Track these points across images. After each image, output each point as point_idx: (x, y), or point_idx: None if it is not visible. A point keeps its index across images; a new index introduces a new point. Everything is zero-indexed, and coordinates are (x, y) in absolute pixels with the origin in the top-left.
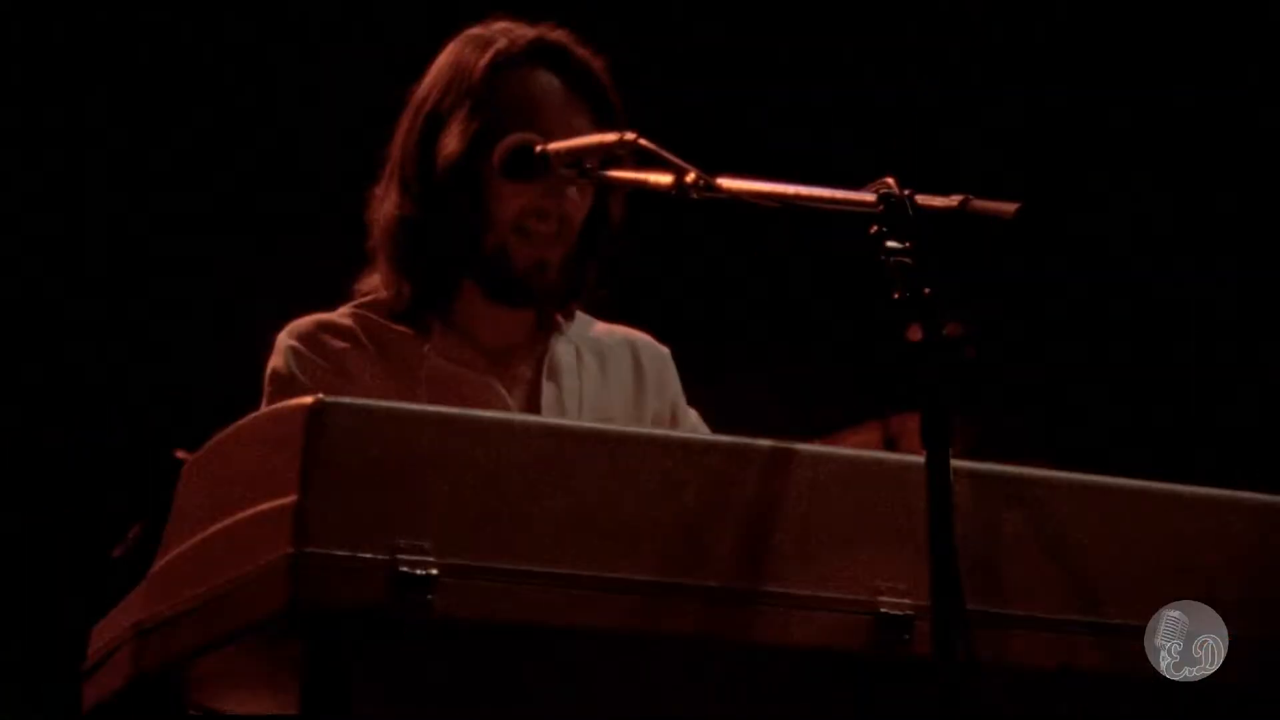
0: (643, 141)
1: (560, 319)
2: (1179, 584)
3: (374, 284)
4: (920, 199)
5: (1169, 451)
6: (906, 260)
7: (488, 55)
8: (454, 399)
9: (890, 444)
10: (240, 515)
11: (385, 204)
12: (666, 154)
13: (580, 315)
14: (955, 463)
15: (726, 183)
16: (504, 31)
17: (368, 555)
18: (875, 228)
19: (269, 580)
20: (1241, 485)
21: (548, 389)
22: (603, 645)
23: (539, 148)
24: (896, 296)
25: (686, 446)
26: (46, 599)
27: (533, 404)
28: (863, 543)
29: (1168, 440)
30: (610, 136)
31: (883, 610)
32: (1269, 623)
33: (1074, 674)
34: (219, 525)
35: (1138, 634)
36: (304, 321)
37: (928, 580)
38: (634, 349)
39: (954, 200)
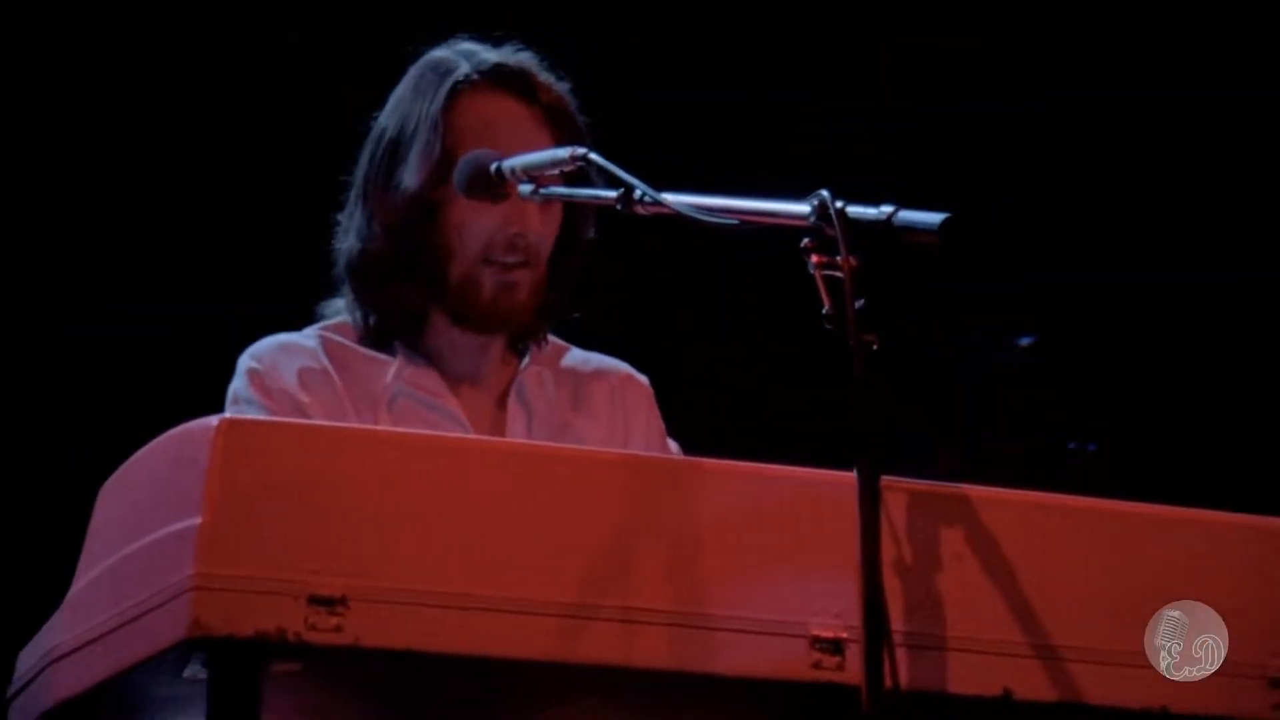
0: (593, 157)
1: (533, 345)
2: (1129, 604)
3: (339, 307)
4: (852, 211)
5: (1133, 467)
6: (836, 274)
7: (448, 82)
8: (417, 425)
9: None
10: (149, 538)
11: (349, 234)
12: (615, 169)
13: (555, 342)
14: (894, 480)
15: (669, 198)
16: (465, 55)
17: (276, 578)
18: (805, 241)
19: (173, 605)
20: (1199, 503)
21: (516, 416)
22: (520, 669)
23: (494, 164)
24: (825, 311)
25: (612, 464)
26: None
27: (498, 431)
28: (797, 564)
29: (1131, 456)
30: (563, 152)
31: (815, 634)
32: None
33: (1017, 700)
34: (130, 548)
35: (1085, 657)
36: (265, 343)
37: (850, 602)
38: (611, 380)
39: (884, 212)
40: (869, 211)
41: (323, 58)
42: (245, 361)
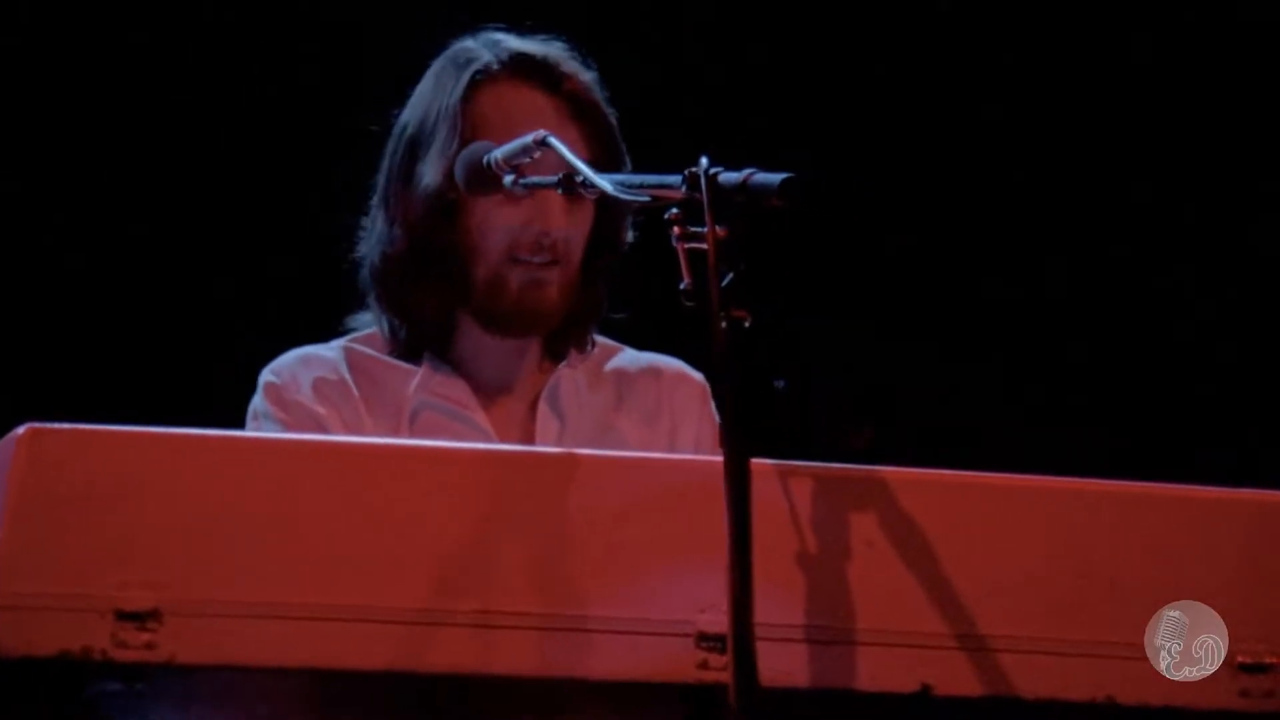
0: (551, 141)
1: (572, 349)
2: (1062, 589)
3: (367, 319)
4: (724, 178)
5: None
6: (700, 246)
7: (467, 72)
8: (440, 437)
9: None
10: None
11: (371, 239)
12: (567, 154)
13: (605, 344)
14: (798, 464)
15: (602, 179)
16: (489, 45)
17: (80, 593)
18: (670, 213)
19: None
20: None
21: (548, 423)
22: (357, 682)
23: (485, 157)
24: (683, 286)
25: (468, 460)
26: None
27: (527, 440)
28: (680, 557)
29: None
30: (528, 139)
31: (701, 630)
32: (1131, 628)
33: (937, 696)
34: None
35: (1016, 647)
36: (286, 357)
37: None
38: (660, 379)
39: (742, 175)
40: (733, 177)
41: (354, 55)
42: (264, 376)
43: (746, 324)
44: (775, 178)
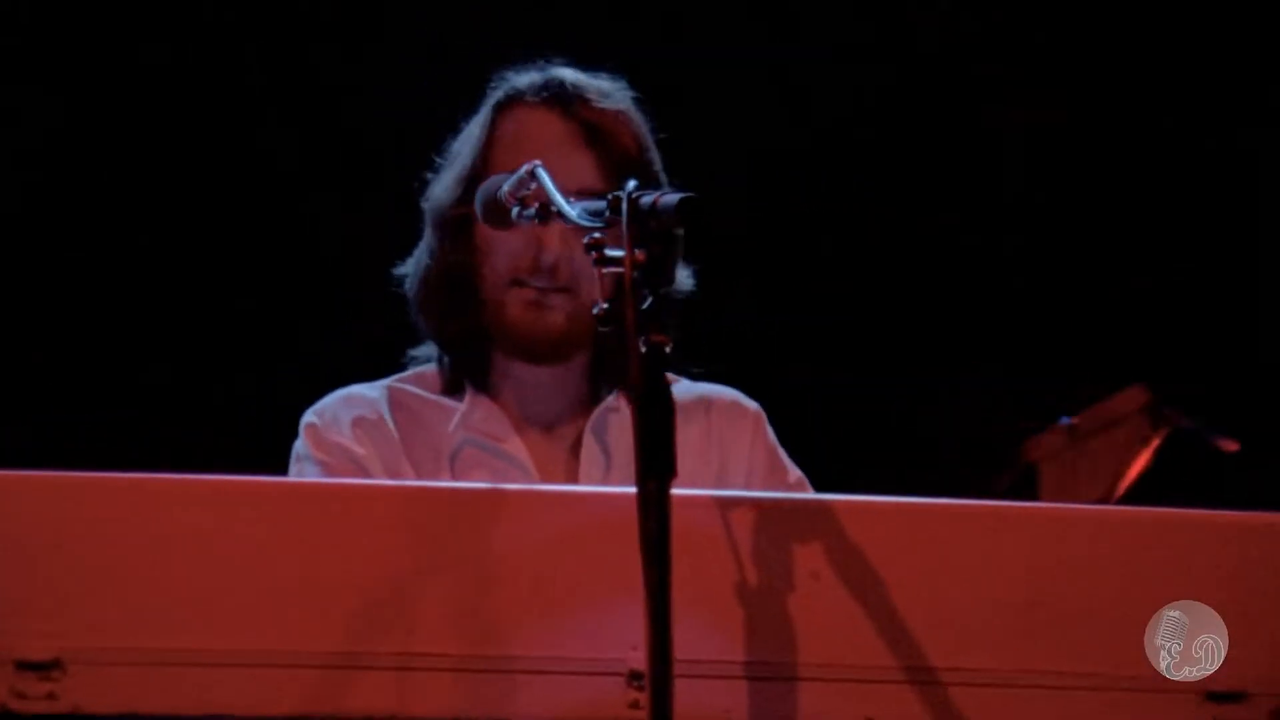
0: (538, 171)
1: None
2: (1013, 618)
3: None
4: (645, 200)
5: None
6: (618, 269)
7: (494, 98)
8: (480, 475)
9: None
10: None
11: (412, 263)
12: (547, 182)
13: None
14: (739, 495)
15: (569, 208)
16: (527, 73)
17: None
18: (590, 236)
19: None
20: None
21: (594, 459)
22: None
23: (498, 191)
24: (597, 312)
25: (388, 496)
26: None
27: (570, 478)
28: (611, 593)
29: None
30: (523, 169)
31: (633, 668)
32: (1092, 657)
33: None
34: None
35: (967, 680)
36: (329, 397)
37: (686, 632)
38: (711, 409)
39: (655, 196)
40: (648, 199)
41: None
42: (306, 417)
43: (667, 349)
44: (674, 198)
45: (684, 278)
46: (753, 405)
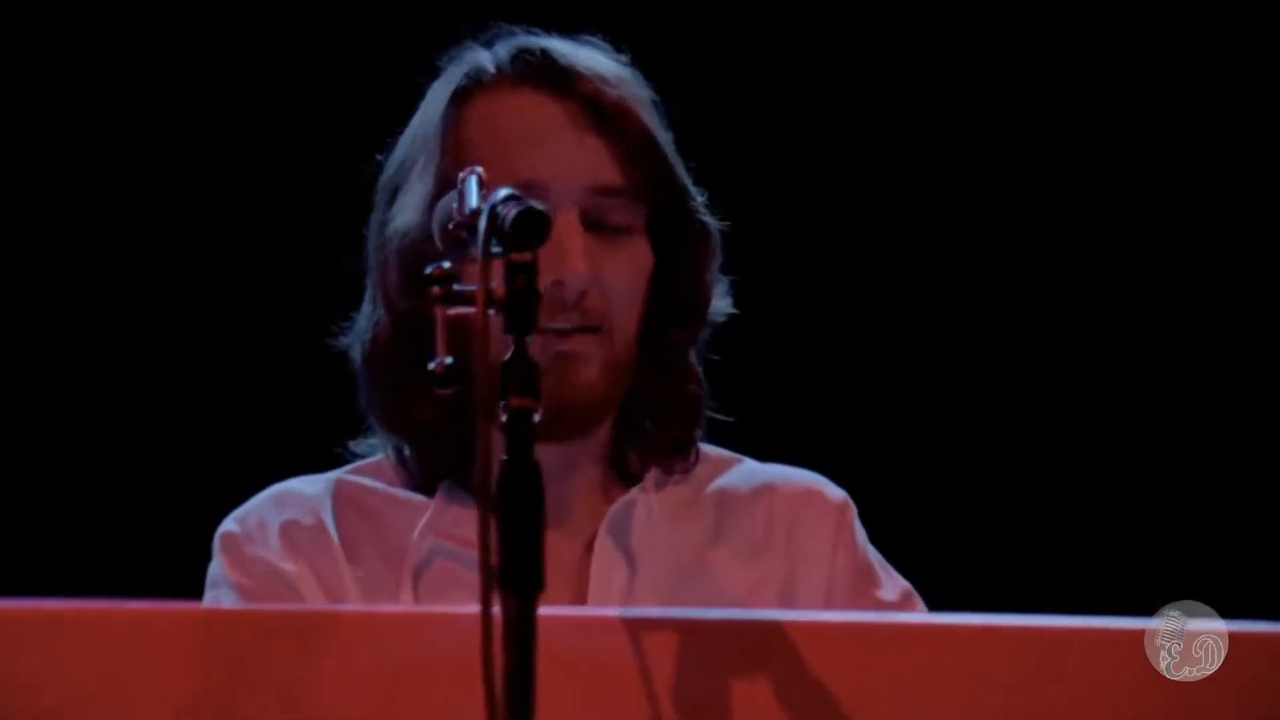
0: (469, 181)
1: (653, 461)
2: None
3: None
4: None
5: None
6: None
7: (450, 86)
8: (452, 593)
9: None
10: None
11: (359, 322)
12: (470, 195)
13: (718, 454)
14: (664, 613)
15: None
16: (486, 47)
17: None
18: (435, 267)
19: None
20: None
21: (610, 567)
22: None
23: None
24: (432, 366)
25: (204, 620)
26: None
27: (579, 587)
28: None
29: None
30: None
31: None
32: None
33: None
34: None
35: None
36: (256, 499)
37: None
38: (779, 499)
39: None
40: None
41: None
42: (224, 525)
43: (535, 416)
44: (514, 211)
45: (721, 302)
46: (838, 494)
